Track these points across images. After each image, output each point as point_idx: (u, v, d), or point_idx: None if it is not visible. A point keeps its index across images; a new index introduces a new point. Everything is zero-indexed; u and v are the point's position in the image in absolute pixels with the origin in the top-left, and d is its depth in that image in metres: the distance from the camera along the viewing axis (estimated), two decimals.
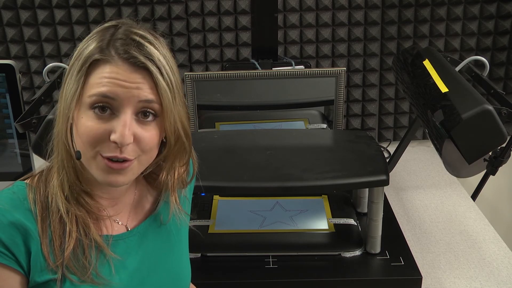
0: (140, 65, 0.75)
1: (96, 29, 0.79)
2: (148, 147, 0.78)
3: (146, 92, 0.75)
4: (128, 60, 0.75)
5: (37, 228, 0.77)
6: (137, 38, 0.76)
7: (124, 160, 0.76)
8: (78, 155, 0.76)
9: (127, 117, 0.75)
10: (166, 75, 0.77)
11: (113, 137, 0.74)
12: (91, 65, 0.75)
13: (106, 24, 0.79)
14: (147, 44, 0.76)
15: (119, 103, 0.75)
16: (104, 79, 0.74)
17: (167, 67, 0.77)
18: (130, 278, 0.84)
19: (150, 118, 0.77)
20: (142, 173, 0.83)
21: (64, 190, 0.79)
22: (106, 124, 0.75)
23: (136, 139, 0.76)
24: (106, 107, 0.75)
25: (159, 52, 0.77)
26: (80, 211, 0.80)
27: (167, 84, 0.77)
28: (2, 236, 0.74)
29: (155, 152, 0.81)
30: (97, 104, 0.74)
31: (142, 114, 0.77)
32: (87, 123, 0.75)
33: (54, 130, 0.80)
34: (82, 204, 0.80)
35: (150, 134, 0.78)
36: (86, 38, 0.78)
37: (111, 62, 0.74)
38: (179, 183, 0.90)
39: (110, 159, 0.76)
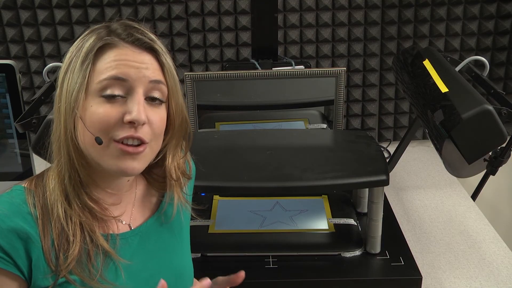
0: (147, 46, 0.78)
1: (87, 31, 0.80)
2: (160, 131, 0.80)
3: (155, 73, 0.78)
4: (133, 43, 0.77)
5: (38, 231, 0.76)
6: (136, 26, 0.80)
7: (139, 144, 0.77)
8: (99, 140, 0.75)
9: (140, 96, 0.76)
10: (169, 58, 0.81)
11: (128, 117, 0.75)
12: (96, 53, 0.76)
13: (98, 25, 0.81)
14: (146, 31, 0.80)
15: (130, 84, 0.76)
16: (113, 63, 0.76)
17: (167, 53, 0.81)
18: (134, 278, 0.84)
19: (157, 102, 0.79)
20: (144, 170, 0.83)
21: (67, 193, 0.78)
22: (118, 107, 0.76)
23: (149, 121, 0.78)
24: (116, 95, 0.75)
25: (157, 39, 0.81)
26: (84, 214, 0.79)
27: (172, 65, 0.81)
28: (1, 242, 0.74)
29: (161, 140, 0.82)
30: (107, 90, 0.75)
31: (149, 98, 0.78)
32: (98, 110, 0.75)
33: (52, 135, 0.79)
34: (86, 204, 0.79)
35: (160, 117, 0.80)
36: (80, 38, 0.79)
37: (118, 46, 0.77)
38: (181, 176, 0.90)
39: (125, 144, 0.76)
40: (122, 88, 0.76)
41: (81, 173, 0.78)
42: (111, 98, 0.75)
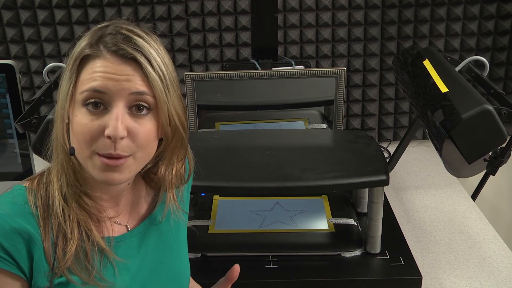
0: (129, 57, 0.74)
1: (91, 30, 0.79)
2: (144, 142, 0.77)
3: (137, 84, 0.75)
4: (117, 53, 0.75)
5: (39, 231, 0.76)
6: (126, 32, 0.76)
7: (119, 157, 0.75)
8: (72, 151, 0.75)
9: (119, 110, 0.74)
10: (157, 66, 0.76)
11: (106, 132, 0.73)
12: (81, 62, 0.75)
13: (100, 25, 0.79)
14: (135, 37, 0.76)
15: (110, 97, 0.74)
16: (94, 74, 0.74)
17: (158, 59, 0.76)
18: (132, 279, 0.84)
19: (144, 111, 0.76)
20: (140, 171, 0.83)
21: (64, 193, 0.79)
22: (99, 120, 0.74)
23: (131, 134, 0.75)
24: (99, 103, 0.74)
25: (150, 45, 0.76)
26: (81, 214, 0.79)
27: (158, 76, 0.76)
28: (3, 242, 0.74)
29: (152, 149, 0.80)
30: (89, 100, 0.74)
31: (136, 108, 0.76)
32: (82, 120, 0.75)
33: (53, 133, 0.80)
34: (83, 206, 0.80)
35: (145, 128, 0.77)
36: (82, 38, 0.79)
37: (100, 56, 0.75)
38: (177, 179, 0.89)
39: (105, 157, 0.75)
40: (103, 100, 0.74)
41: (71, 178, 0.78)
42: (93, 109, 0.74)
